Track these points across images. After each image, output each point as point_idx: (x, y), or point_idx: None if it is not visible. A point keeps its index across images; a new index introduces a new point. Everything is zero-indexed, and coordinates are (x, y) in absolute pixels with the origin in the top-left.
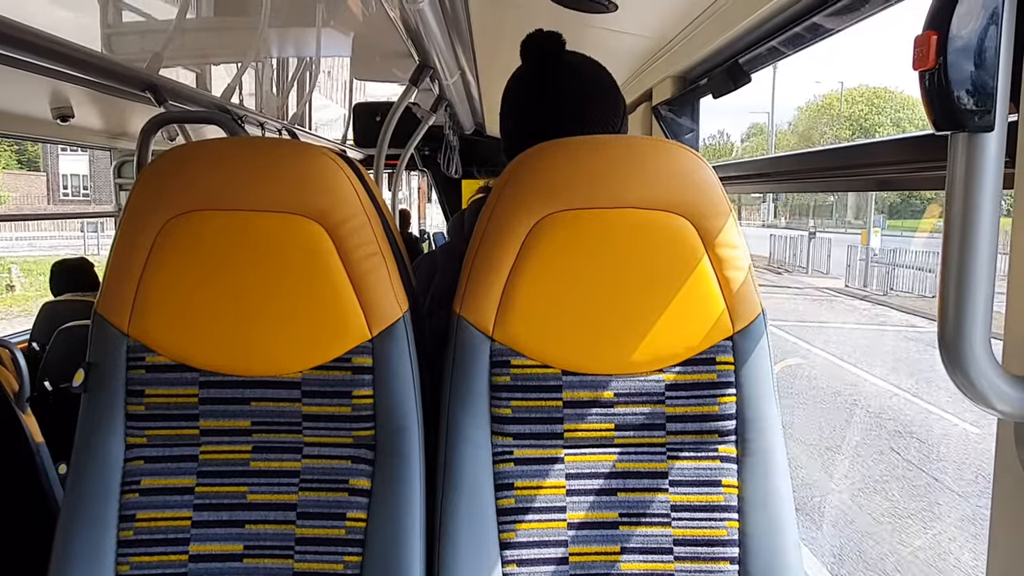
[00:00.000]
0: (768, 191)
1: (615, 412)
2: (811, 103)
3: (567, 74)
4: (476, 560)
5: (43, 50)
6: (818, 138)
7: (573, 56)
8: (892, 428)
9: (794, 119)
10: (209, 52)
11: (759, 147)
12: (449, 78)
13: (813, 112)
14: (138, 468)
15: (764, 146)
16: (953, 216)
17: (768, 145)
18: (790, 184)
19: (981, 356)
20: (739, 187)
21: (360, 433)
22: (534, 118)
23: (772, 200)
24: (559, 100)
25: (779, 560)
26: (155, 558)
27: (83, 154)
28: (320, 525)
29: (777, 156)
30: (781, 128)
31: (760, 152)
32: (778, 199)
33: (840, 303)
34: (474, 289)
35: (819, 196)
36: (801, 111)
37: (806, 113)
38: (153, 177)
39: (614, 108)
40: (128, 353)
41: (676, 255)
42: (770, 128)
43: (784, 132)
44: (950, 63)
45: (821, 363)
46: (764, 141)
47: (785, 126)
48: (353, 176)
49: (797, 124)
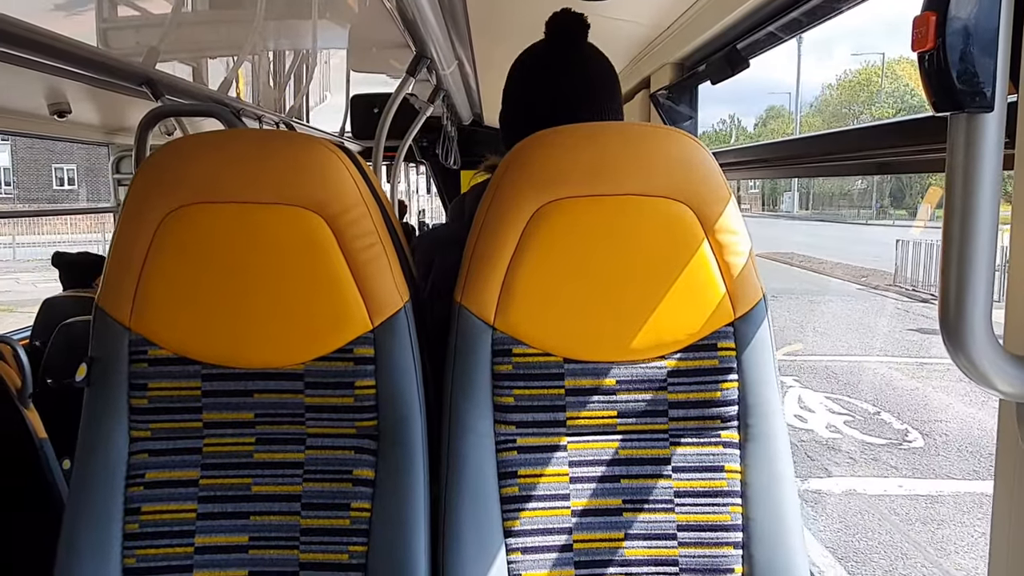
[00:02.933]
0: (768, 176)
1: (617, 399)
2: (842, 80)
3: (589, 56)
4: (480, 548)
5: (39, 46)
6: (852, 119)
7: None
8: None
9: (822, 98)
10: (205, 46)
11: (777, 134)
12: (446, 68)
13: (846, 89)
14: (142, 461)
15: (783, 132)
16: (954, 197)
17: (791, 130)
18: (789, 169)
19: (982, 336)
20: (739, 173)
21: (363, 423)
22: (550, 96)
23: (796, 187)
24: (578, 80)
25: (783, 544)
26: (161, 551)
27: (4, 142)
28: (325, 516)
29: (777, 142)
30: (803, 110)
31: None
32: (803, 186)
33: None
34: (475, 278)
35: (845, 181)
36: (830, 89)
37: (836, 92)
38: (151, 171)
39: (618, 96)
40: (130, 347)
41: (676, 241)
42: (795, 110)
43: (807, 114)
44: (949, 44)
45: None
46: (783, 127)
47: (806, 107)
48: (352, 167)
49: (825, 104)
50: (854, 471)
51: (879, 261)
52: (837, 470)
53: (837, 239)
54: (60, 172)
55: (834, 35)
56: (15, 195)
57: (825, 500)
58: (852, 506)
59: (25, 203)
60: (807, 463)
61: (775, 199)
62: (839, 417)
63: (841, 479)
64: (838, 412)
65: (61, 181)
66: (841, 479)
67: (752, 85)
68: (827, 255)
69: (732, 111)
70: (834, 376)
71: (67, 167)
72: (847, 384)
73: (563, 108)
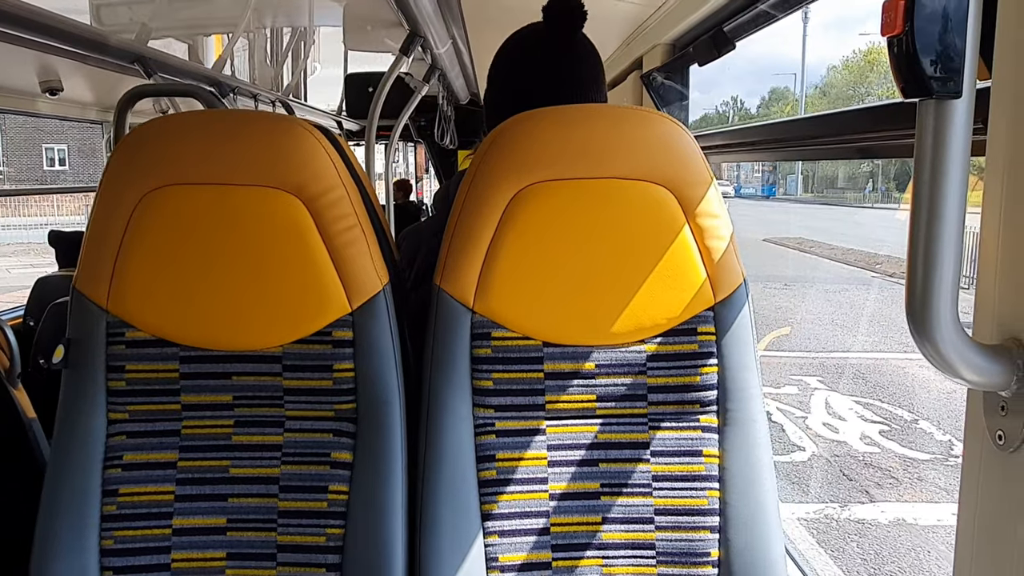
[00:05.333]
0: (751, 159)
1: (597, 383)
2: (850, 60)
3: (586, 47)
4: (457, 531)
5: (29, 23)
6: (859, 101)
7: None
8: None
9: (828, 78)
10: (198, 23)
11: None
12: (440, 47)
13: (854, 70)
14: (120, 443)
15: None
16: (921, 184)
17: (795, 113)
18: (772, 152)
19: (948, 325)
20: (722, 156)
21: (342, 406)
22: (549, 84)
23: (800, 170)
24: (576, 71)
25: (759, 528)
26: (139, 532)
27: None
28: (302, 498)
29: (760, 124)
30: (808, 91)
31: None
32: (807, 169)
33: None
34: (454, 261)
35: (850, 164)
36: (833, 71)
37: (843, 72)
38: (128, 151)
39: (603, 80)
40: (108, 329)
41: (657, 225)
42: (800, 91)
43: (812, 96)
44: (917, 29)
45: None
46: (786, 110)
47: (811, 89)
48: (331, 148)
49: (830, 85)
50: (899, 494)
51: (893, 247)
52: (879, 493)
53: (847, 223)
54: (51, 152)
55: (843, 15)
56: (4, 174)
57: (871, 534)
58: (904, 542)
59: (14, 183)
60: (844, 484)
61: (774, 181)
62: (873, 426)
63: (886, 505)
64: (872, 420)
65: (52, 161)
66: (886, 505)
67: (759, 62)
68: (837, 240)
69: (735, 93)
70: (861, 376)
71: (58, 147)
72: (876, 385)
73: (562, 97)
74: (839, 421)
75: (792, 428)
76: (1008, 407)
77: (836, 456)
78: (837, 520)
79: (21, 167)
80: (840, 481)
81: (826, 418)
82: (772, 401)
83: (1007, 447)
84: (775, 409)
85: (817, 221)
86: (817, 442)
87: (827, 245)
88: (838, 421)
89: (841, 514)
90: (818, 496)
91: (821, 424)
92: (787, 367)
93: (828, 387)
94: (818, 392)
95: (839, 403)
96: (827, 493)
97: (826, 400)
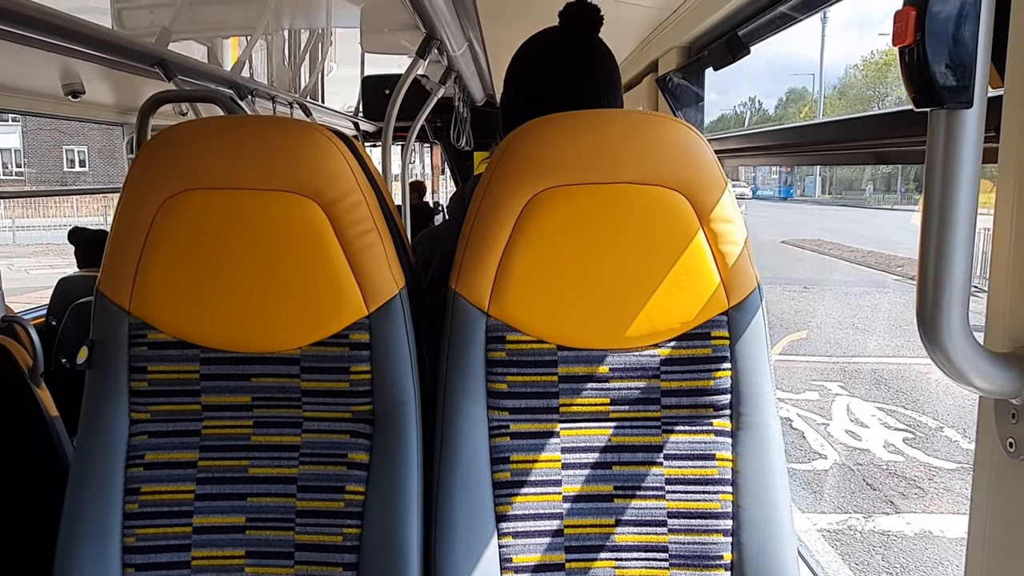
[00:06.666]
0: (766, 163)
1: (610, 386)
2: (868, 60)
3: (604, 52)
4: (472, 532)
5: (54, 27)
6: (877, 102)
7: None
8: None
9: (847, 78)
10: (218, 25)
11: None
12: (456, 49)
13: (873, 69)
14: (142, 443)
15: (805, 118)
16: (932, 194)
17: (814, 114)
18: (787, 157)
19: (959, 333)
20: (738, 159)
21: (358, 408)
22: (567, 89)
23: (819, 172)
24: (593, 76)
25: (773, 532)
26: (160, 530)
27: (14, 123)
28: (320, 498)
29: (775, 128)
30: (826, 92)
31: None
32: (825, 171)
33: None
34: (469, 265)
35: (869, 166)
36: (852, 71)
37: (862, 72)
38: (150, 156)
39: (619, 85)
40: (130, 331)
41: (671, 230)
42: (819, 92)
43: (830, 96)
44: (928, 40)
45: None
46: (804, 111)
47: (830, 89)
48: (348, 152)
49: (848, 85)
50: (925, 505)
51: (911, 249)
52: (904, 503)
53: (867, 225)
54: (71, 153)
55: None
56: (26, 175)
57: (896, 547)
58: (931, 555)
59: (35, 185)
60: (868, 493)
61: (792, 183)
62: (897, 434)
63: (912, 516)
64: (895, 427)
65: (72, 163)
66: (912, 516)
67: (778, 63)
68: (857, 243)
69: (753, 94)
70: (884, 382)
71: (78, 148)
72: (899, 392)
73: (578, 102)
74: (861, 428)
75: (813, 435)
76: (1019, 415)
77: (859, 464)
78: (861, 532)
79: (43, 168)
80: (863, 491)
81: (848, 425)
82: (792, 407)
83: (1018, 454)
84: (795, 415)
85: (835, 223)
86: (839, 450)
87: (846, 247)
88: (860, 428)
89: (865, 525)
90: (841, 506)
91: (843, 431)
92: (807, 372)
93: (850, 393)
94: (839, 398)
95: (861, 409)
96: (850, 503)
97: (847, 406)
